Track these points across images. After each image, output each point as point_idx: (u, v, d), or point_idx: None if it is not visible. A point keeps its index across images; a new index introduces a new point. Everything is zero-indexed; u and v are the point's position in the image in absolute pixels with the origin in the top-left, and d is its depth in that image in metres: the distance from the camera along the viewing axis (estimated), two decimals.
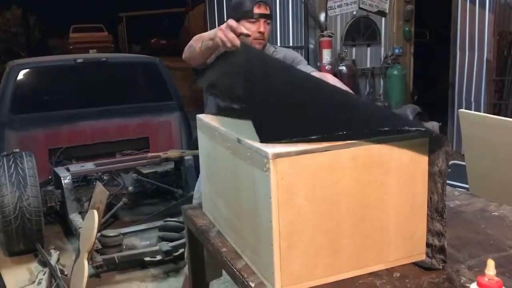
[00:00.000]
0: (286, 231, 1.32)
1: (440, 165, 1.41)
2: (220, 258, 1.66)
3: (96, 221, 2.95)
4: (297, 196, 1.32)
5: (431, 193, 1.46)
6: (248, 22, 2.12)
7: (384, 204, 1.43)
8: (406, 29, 6.95)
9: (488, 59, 6.02)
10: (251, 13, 2.11)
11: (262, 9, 2.13)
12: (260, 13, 2.13)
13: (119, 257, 3.25)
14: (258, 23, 2.13)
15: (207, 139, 1.86)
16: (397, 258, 1.48)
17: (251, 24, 2.12)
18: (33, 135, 4.44)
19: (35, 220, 3.56)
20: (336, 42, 6.55)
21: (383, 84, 6.98)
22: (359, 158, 1.37)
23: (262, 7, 2.13)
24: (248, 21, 2.12)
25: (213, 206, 1.88)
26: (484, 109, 5.99)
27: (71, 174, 3.94)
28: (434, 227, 1.47)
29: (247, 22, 2.12)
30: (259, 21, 2.13)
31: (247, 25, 2.10)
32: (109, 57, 5.34)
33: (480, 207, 1.96)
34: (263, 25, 2.14)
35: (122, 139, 4.84)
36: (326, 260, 1.39)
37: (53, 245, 3.61)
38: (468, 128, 2.44)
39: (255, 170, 1.38)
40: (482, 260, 1.50)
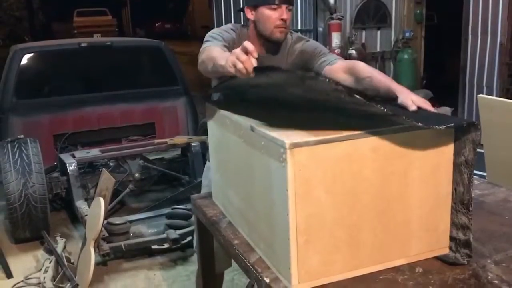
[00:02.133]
0: (304, 225, 1.25)
1: (467, 155, 1.33)
2: (232, 251, 1.59)
3: (102, 209, 2.90)
4: (316, 188, 1.24)
5: (456, 185, 1.38)
6: (268, 9, 1.94)
7: (406, 196, 1.35)
8: (418, 11, 6.80)
9: (501, 43, 5.87)
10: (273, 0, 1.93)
11: None
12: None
13: (126, 245, 3.21)
14: (280, 10, 1.93)
15: (218, 126, 1.78)
16: (419, 252, 1.41)
17: (272, 11, 1.94)
18: (37, 121, 4.37)
19: (40, 207, 3.51)
20: (346, 25, 6.42)
21: (393, 68, 6.85)
22: (381, 148, 1.29)
23: None
24: (269, 8, 1.93)
25: (224, 196, 1.81)
26: (496, 93, 5.87)
27: (76, 160, 3.88)
28: (459, 220, 1.39)
29: (267, 9, 1.94)
30: (281, 7, 1.94)
31: (268, 12, 1.94)
32: (114, 41, 5.23)
33: (502, 197, 1.88)
34: (285, 12, 1.94)
35: (127, 124, 4.76)
36: (345, 255, 1.32)
37: (59, 233, 3.57)
38: (488, 114, 2.35)
39: (270, 161, 1.30)
40: (509, 255, 1.43)
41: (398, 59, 6.70)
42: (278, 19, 1.94)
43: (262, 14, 1.96)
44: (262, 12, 1.95)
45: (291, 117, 1.45)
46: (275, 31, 1.96)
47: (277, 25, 1.95)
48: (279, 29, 1.96)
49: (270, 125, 1.36)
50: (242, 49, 1.38)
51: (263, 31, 1.98)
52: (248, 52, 1.36)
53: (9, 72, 4.41)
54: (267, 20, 1.95)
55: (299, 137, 1.23)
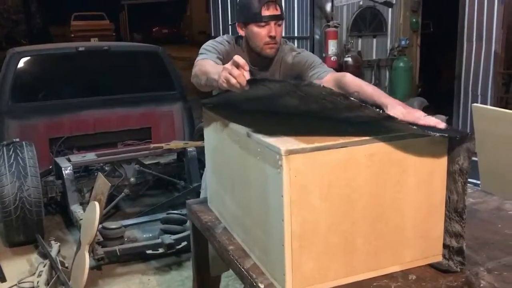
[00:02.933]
0: (299, 231, 1.26)
1: (461, 163, 1.35)
2: (227, 256, 1.60)
3: (97, 213, 2.90)
4: (311, 194, 1.25)
5: (450, 193, 1.39)
6: (257, 26, 1.91)
7: (400, 203, 1.36)
8: (413, 20, 6.84)
9: (496, 51, 5.92)
10: (259, 16, 1.88)
11: (271, 10, 1.90)
12: (269, 15, 1.89)
13: (120, 249, 3.19)
14: (268, 27, 1.90)
15: (214, 132, 1.79)
16: (413, 260, 1.42)
17: (260, 28, 1.91)
18: (33, 124, 4.36)
19: (35, 211, 3.50)
20: (342, 33, 6.45)
21: (388, 76, 6.89)
22: (376, 155, 1.30)
23: (271, 7, 1.90)
24: (257, 25, 1.91)
25: (219, 202, 1.82)
26: (491, 102, 5.90)
27: (72, 164, 3.87)
28: (452, 227, 1.40)
29: (255, 26, 1.91)
30: (269, 24, 1.90)
31: (256, 29, 1.91)
32: (111, 45, 5.24)
33: (495, 206, 1.90)
34: (274, 28, 1.91)
35: (124, 129, 4.76)
36: (339, 261, 1.33)
37: (53, 236, 3.55)
38: (482, 123, 2.37)
39: (266, 167, 1.31)
40: (501, 263, 1.44)
41: (394, 67, 6.74)
42: (267, 35, 1.92)
43: (251, 31, 1.94)
44: (251, 29, 1.93)
45: (287, 124, 1.47)
46: (265, 48, 1.94)
47: (266, 41, 1.93)
48: (268, 45, 1.94)
49: (266, 131, 1.37)
50: (233, 63, 1.38)
51: (253, 47, 1.97)
52: (240, 66, 1.36)
53: (5, 76, 4.40)
54: (256, 37, 1.94)
55: (295, 144, 1.24)
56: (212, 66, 1.73)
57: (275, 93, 1.41)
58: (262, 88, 1.39)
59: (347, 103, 1.24)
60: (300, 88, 1.30)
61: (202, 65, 1.78)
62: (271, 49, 1.95)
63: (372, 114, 1.28)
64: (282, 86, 1.37)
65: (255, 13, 1.89)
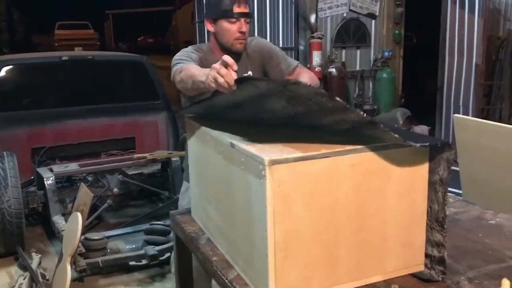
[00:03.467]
0: (282, 241, 1.26)
1: (442, 173, 1.36)
2: (210, 268, 1.59)
3: (79, 224, 2.86)
4: (294, 204, 1.26)
5: (431, 202, 1.41)
6: (227, 22, 2.01)
7: (383, 213, 1.37)
8: (396, 32, 6.95)
9: (477, 64, 6.03)
10: (230, 13, 1.99)
11: (242, 8, 2.01)
12: (240, 12, 2.00)
13: (103, 261, 3.16)
14: (238, 23, 2.01)
15: (198, 142, 1.79)
16: (395, 269, 1.43)
17: (231, 24, 2.01)
18: (15, 134, 4.31)
19: (15, 222, 3.45)
20: (326, 44, 6.52)
21: (372, 87, 6.96)
22: (359, 165, 1.31)
23: (242, 5, 2.01)
24: (228, 21, 2.00)
25: (203, 212, 1.81)
26: (473, 113, 6.00)
27: (54, 174, 3.83)
28: (433, 237, 1.42)
29: (226, 22, 2.01)
30: (240, 20, 2.01)
31: (227, 25, 2.01)
32: (95, 55, 5.22)
33: (476, 215, 1.92)
34: (244, 25, 2.03)
35: (107, 139, 4.72)
36: (323, 271, 1.33)
37: (34, 248, 3.51)
38: (463, 133, 2.40)
39: (249, 177, 1.31)
40: (482, 272, 1.45)
41: (377, 78, 6.82)
42: (237, 31, 2.02)
43: (221, 26, 2.03)
44: (222, 25, 2.02)
45: (271, 134, 1.47)
46: (235, 43, 2.04)
47: (236, 37, 2.03)
48: (238, 41, 2.04)
49: (250, 141, 1.38)
50: (222, 63, 1.41)
51: (223, 43, 2.06)
52: (228, 66, 1.39)
53: None
54: (226, 33, 2.03)
55: (278, 154, 1.25)
56: (197, 69, 1.78)
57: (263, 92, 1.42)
58: (249, 87, 1.39)
59: (332, 104, 1.25)
60: (287, 87, 1.30)
61: (187, 69, 1.82)
62: (241, 44, 2.06)
63: (356, 118, 1.29)
64: (270, 85, 1.38)
65: (227, 10, 1.99)
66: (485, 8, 5.84)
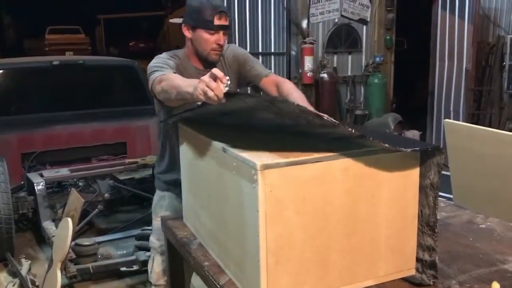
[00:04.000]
0: (274, 246, 1.26)
1: (432, 178, 1.37)
2: (202, 272, 1.58)
3: (70, 230, 2.84)
4: (286, 209, 1.26)
5: (422, 207, 1.42)
6: (206, 33, 2.00)
7: (375, 217, 1.38)
8: (387, 37, 6.99)
9: (467, 69, 6.09)
10: (211, 25, 1.97)
11: (222, 20, 1.99)
12: (220, 24, 1.99)
13: (94, 267, 3.13)
14: (217, 35, 2.00)
15: (190, 147, 1.78)
16: (387, 274, 1.43)
17: (209, 35, 2.00)
18: (5, 139, 4.27)
19: (5, 227, 3.41)
20: (318, 49, 6.54)
21: (363, 92, 6.99)
22: (350, 170, 1.32)
23: (222, 18, 1.99)
24: (207, 32, 1.99)
25: (195, 217, 1.80)
26: (463, 118, 6.06)
27: (44, 180, 3.79)
28: (424, 241, 1.42)
29: (205, 32, 2.00)
30: (218, 32, 2.00)
31: (205, 35, 2.00)
32: (86, 59, 5.20)
33: (467, 219, 1.93)
34: (222, 37, 2.02)
35: (98, 144, 4.70)
36: (314, 276, 1.33)
37: (24, 254, 3.47)
38: (454, 138, 2.42)
39: (241, 181, 1.31)
40: (472, 276, 1.46)
41: (369, 83, 6.86)
42: (215, 43, 2.02)
43: (200, 36, 2.02)
44: (200, 34, 2.01)
45: (263, 140, 1.47)
46: (212, 53, 2.04)
47: (213, 48, 2.03)
48: (215, 51, 2.04)
49: (242, 146, 1.38)
50: (211, 76, 1.39)
51: (200, 51, 2.06)
52: (218, 79, 1.38)
53: None
54: (204, 43, 2.02)
55: (270, 159, 1.25)
56: (181, 79, 1.76)
57: (251, 107, 1.42)
58: (239, 101, 1.40)
59: (320, 122, 1.26)
60: (275, 104, 1.31)
61: (170, 80, 1.79)
62: (217, 55, 2.06)
63: (345, 133, 1.30)
64: (258, 101, 1.38)
65: (207, 21, 1.98)
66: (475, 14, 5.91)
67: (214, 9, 1.97)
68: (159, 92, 1.85)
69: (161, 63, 1.99)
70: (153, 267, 2.28)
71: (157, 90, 1.86)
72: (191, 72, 2.04)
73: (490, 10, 6.05)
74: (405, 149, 1.30)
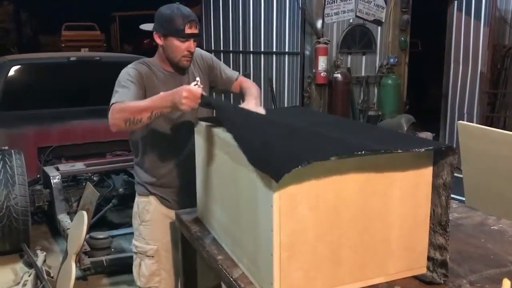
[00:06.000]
0: (287, 241, 1.28)
1: (445, 178, 1.39)
2: (216, 266, 1.61)
3: (85, 223, 2.89)
4: (300, 205, 1.28)
5: (435, 206, 1.43)
6: (177, 40, 2.04)
7: (386, 216, 1.40)
8: (402, 38, 6.97)
9: (482, 72, 6.05)
10: (182, 33, 2.03)
11: (193, 29, 2.05)
12: (191, 33, 2.04)
13: (107, 260, 3.18)
14: (188, 42, 2.06)
15: (205, 142, 1.81)
16: (397, 271, 1.45)
17: (180, 43, 2.05)
18: (22, 133, 4.35)
19: (22, 219, 3.48)
20: (332, 49, 6.55)
21: (377, 93, 6.98)
22: (364, 168, 1.34)
23: (193, 26, 2.05)
24: (178, 40, 2.04)
25: (209, 212, 1.84)
26: (477, 121, 6.02)
27: (60, 173, 3.86)
28: (436, 240, 1.44)
29: (176, 40, 2.04)
30: (189, 40, 2.06)
31: (177, 43, 2.05)
32: (102, 56, 5.27)
33: (479, 221, 1.94)
34: (192, 45, 2.08)
35: (113, 139, 4.75)
36: (326, 271, 1.35)
37: (39, 246, 3.53)
38: (467, 140, 2.42)
39: (256, 177, 1.34)
40: (483, 276, 1.47)
41: (382, 84, 6.84)
42: (186, 50, 2.06)
43: (171, 43, 2.06)
44: (172, 42, 2.06)
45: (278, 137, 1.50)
46: (182, 60, 2.08)
47: (184, 55, 2.07)
48: (185, 58, 2.09)
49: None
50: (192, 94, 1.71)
51: (171, 58, 2.10)
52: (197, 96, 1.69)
53: None
54: (175, 50, 2.07)
55: None
56: (149, 103, 1.85)
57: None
58: None
59: None
60: None
61: (132, 108, 1.88)
62: (187, 62, 2.11)
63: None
64: None
65: (179, 30, 2.02)
66: (491, 16, 5.86)
67: (185, 18, 2.02)
68: (119, 124, 1.91)
69: (126, 80, 2.05)
70: (142, 271, 2.23)
71: (118, 124, 1.92)
72: (161, 76, 2.11)
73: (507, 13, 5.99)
74: (418, 148, 1.32)
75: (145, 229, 2.22)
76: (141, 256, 2.23)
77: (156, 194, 2.20)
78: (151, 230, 2.21)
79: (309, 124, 1.74)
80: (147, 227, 2.22)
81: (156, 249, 2.21)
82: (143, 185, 2.22)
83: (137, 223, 2.26)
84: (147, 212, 2.22)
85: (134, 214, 2.28)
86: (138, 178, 2.26)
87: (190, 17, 2.04)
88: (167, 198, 2.20)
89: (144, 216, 2.23)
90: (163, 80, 2.10)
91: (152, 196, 2.21)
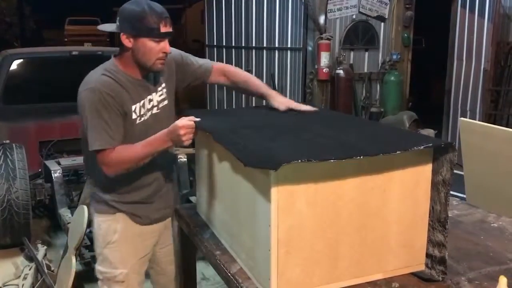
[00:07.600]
0: (285, 237, 1.28)
1: (444, 174, 1.38)
2: (214, 261, 1.61)
3: (85, 217, 2.89)
4: (298, 200, 1.28)
5: (434, 203, 1.43)
6: (151, 41, 1.79)
7: (385, 212, 1.39)
8: (405, 35, 6.93)
9: (485, 69, 6.01)
10: (157, 32, 1.78)
11: (168, 27, 1.81)
12: (167, 32, 1.80)
13: None
14: (163, 43, 1.81)
15: (206, 140, 1.81)
16: (396, 268, 1.44)
17: (155, 43, 1.80)
18: (24, 127, 4.35)
19: (23, 213, 3.49)
20: (335, 45, 6.52)
21: (379, 89, 6.95)
22: (363, 164, 1.33)
23: (168, 24, 1.81)
24: (152, 40, 1.79)
25: (208, 207, 1.84)
26: (480, 118, 5.99)
27: (61, 168, 3.87)
28: (435, 237, 1.43)
29: (149, 41, 1.79)
30: (164, 40, 1.81)
31: (150, 44, 1.79)
32: (105, 50, 5.25)
33: (479, 218, 1.94)
34: (168, 45, 1.84)
35: None
36: (324, 267, 1.35)
37: (40, 240, 3.55)
38: (468, 137, 2.41)
39: (255, 173, 1.34)
40: (482, 273, 1.47)
41: (385, 81, 6.81)
42: (161, 51, 1.83)
43: (143, 45, 1.81)
44: (144, 43, 1.80)
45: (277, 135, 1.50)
46: (157, 63, 1.85)
47: (159, 57, 1.83)
48: (160, 61, 1.85)
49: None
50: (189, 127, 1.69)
51: (143, 61, 1.85)
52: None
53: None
54: (149, 52, 1.82)
55: None
56: (149, 144, 1.78)
57: None
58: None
59: None
60: None
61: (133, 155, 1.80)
62: (162, 65, 1.88)
63: None
64: None
65: (153, 28, 1.78)
66: (495, 13, 5.82)
67: (159, 16, 1.78)
68: (120, 171, 1.81)
69: (98, 106, 1.88)
70: None
71: (115, 170, 1.80)
72: (129, 86, 1.87)
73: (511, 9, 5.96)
74: (417, 147, 1.31)
75: (111, 252, 1.98)
76: (108, 283, 2.00)
77: (125, 211, 1.96)
78: (120, 252, 1.98)
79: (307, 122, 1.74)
80: (115, 250, 1.98)
81: (126, 273, 1.98)
82: (106, 202, 1.97)
83: (100, 247, 2.01)
84: (114, 233, 1.97)
85: (96, 236, 2.03)
86: (97, 196, 2.00)
87: (164, 14, 1.81)
88: (139, 214, 1.98)
89: (110, 237, 1.98)
90: (132, 90, 1.87)
91: (120, 213, 1.96)
